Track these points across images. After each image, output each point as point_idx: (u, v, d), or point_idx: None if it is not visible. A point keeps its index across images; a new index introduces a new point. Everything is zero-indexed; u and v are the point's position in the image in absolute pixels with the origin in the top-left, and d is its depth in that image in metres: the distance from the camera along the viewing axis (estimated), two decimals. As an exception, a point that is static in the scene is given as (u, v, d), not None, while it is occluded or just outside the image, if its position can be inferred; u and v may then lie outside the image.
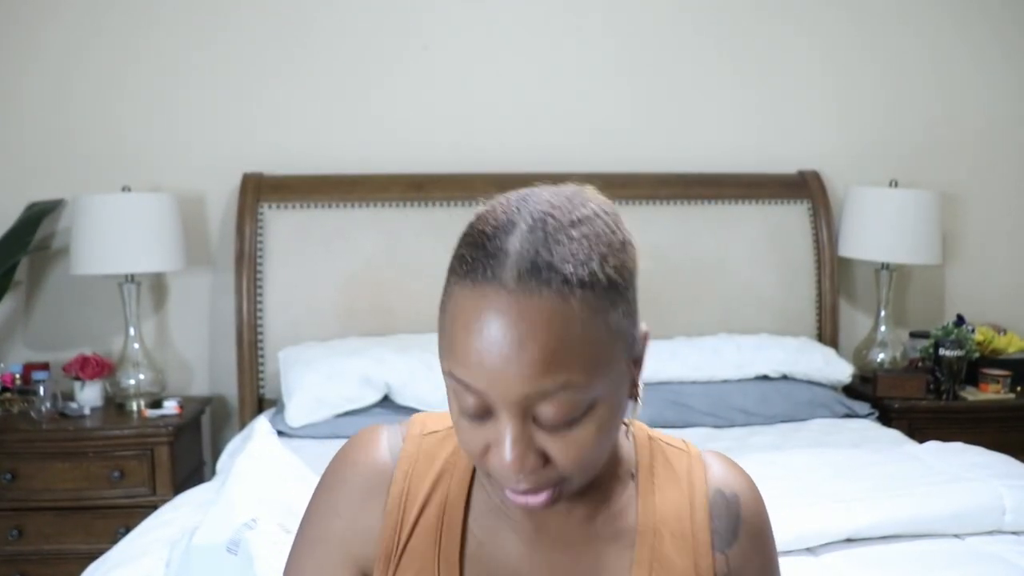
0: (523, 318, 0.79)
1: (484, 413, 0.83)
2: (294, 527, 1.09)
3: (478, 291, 0.80)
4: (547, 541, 0.95)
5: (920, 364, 3.21)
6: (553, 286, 0.79)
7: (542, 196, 0.86)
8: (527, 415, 0.82)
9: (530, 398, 0.81)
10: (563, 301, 0.80)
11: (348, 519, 0.96)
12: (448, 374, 0.84)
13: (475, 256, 0.82)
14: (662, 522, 0.95)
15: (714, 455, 1.01)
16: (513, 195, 0.87)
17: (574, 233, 0.82)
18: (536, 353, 0.79)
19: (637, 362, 0.90)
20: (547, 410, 0.81)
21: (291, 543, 1.02)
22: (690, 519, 0.95)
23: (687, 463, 0.99)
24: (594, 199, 0.88)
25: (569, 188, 0.89)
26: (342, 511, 0.97)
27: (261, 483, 1.55)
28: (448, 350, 0.83)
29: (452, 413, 0.87)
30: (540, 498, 0.85)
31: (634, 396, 0.91)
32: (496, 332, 0.79)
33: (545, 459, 0.84)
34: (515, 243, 0.81)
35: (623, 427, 0.98)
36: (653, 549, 0.94)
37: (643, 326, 0.91)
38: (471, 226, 0.86)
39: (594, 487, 0.94)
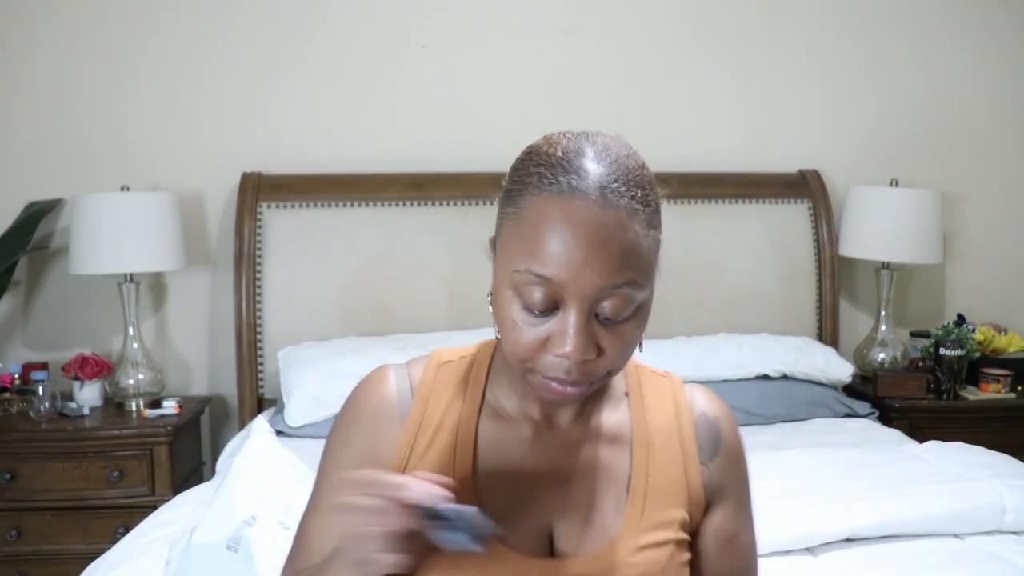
0: (604, 223, 0.93)
1: (550, 308, 0.96)
2: (294, 525, 1.09)
3: (564, 199, 0.94)
4: (552, 448, 1.07)
5: (921, 364, 3.21)
6: (624, 202, 0.95)
7: (588, 134, 1.02)
8: (592, 309, 0.95)
9: (602, 291, 0.94)
10: (632, 215, 0.95)
11: (361, 447, 1.08)
12: (525, 271, 0.95)
13: (556, 173, 0.96)
14: (654, 435, 1.10)
15: (695, 385, 1.17)
16: (564, 133, 1.03)
17: (630, 164, 0.98)
18: (613, 252, 0.93)
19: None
20: (609, 305, 0.95)
21: (291, 540, 1.06)
22: (678, 435, 1.11)
23: (671, 388, 1.14)
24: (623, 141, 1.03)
25: (601, 132, 1.04)
26: (355, 441, 1.09)
27: (260, 481, 1.55)
28: (527, 251, 0.95)
29: (509, 313, 0.98)
30: (577, 390, 0.98)
31: None
32: (581, 233, 0.93)
33: (597, 351, 0.97)
34: (591, 164, 0.96)
35: None
36: (648, 458, 1.08)
37: None
38: (539, 153, 1.00)
39: (594, 402, 1.10)
